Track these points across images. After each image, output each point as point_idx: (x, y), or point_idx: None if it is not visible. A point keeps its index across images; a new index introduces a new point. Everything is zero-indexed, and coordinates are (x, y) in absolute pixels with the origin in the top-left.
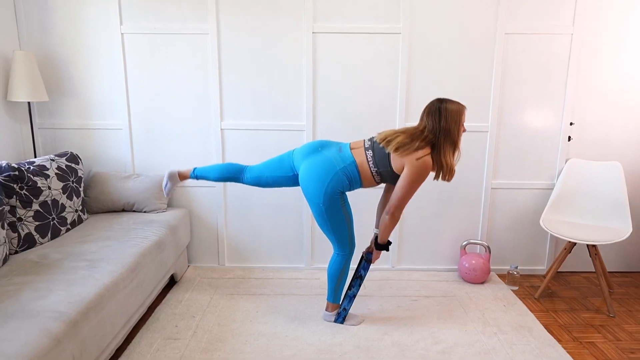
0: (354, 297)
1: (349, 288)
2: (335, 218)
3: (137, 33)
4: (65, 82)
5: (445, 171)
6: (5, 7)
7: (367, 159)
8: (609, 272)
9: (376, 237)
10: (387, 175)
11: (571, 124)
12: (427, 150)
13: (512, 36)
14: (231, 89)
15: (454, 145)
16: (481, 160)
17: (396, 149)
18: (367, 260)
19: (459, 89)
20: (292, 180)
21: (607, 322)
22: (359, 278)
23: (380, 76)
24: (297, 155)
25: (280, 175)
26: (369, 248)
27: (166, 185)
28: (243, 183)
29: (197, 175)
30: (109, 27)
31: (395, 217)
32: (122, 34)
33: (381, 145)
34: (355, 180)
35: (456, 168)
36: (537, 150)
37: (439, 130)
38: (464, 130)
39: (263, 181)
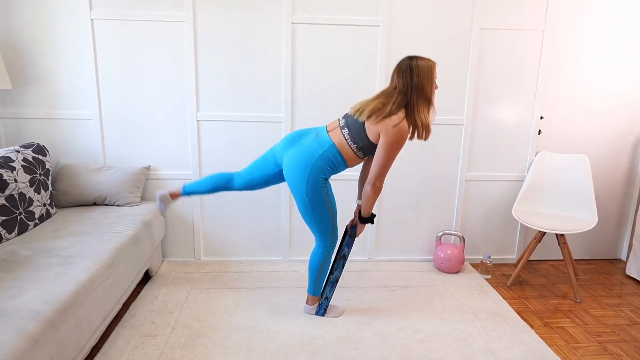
0: (336, 283)
1: (331, 272)
2: (318, 209)
3: (108, 19)
4: (30, 69)
5: (420, 130)
6: None
7: (344, 137)
8: (574, 259)
9: (359, 210)
10: (367, 149)
11: (541, 117)
12: (402, 114)
13: (487, 31)
14: (208, 79)
15: (428, 102)
16: (456, 152)
17: (369, 117)
18: (351, 235)
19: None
20: (279, 176)
21: (575, 307)
22: (342, 258)
23: (359, 68)
24: (278, 150)
25: (268, 174)
26: (352, 221)
27: (160, 206)
28: (234, 190)
29: (187, 192)
30: (78, 12)
31: (377, 187)
32: (91, 19)
33: (355, 116)
34: (338, 162)
35: (433, 159)
36: (510, 143)
37: (411, 88)
38: (437, 87)
39: (254, 183)
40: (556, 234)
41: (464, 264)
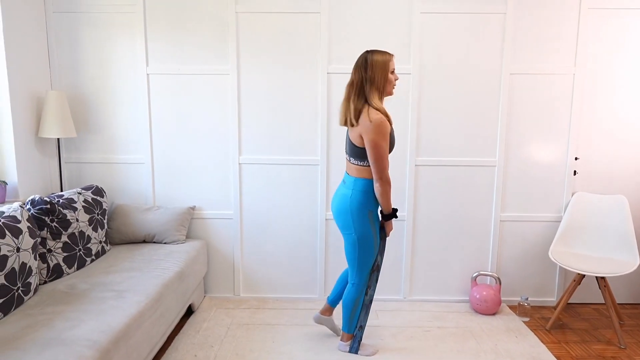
0: (370, 305)
1: (365, 293)
2: (366, 246)
3: (161, 74)
4: (92, 119)
5: (383, 115)
6: (40, 49)
7: (356, 165)
8: (618, 303)
9: (381, 210)
10: (365, 155)
11: (576, 158)
12: (367, 107)
13: (517, 76)
14: (249, 126)
15: (378, 91)
16: (489, 193)
17: (345, 121)
18: (381, 237)
19: (467, 126)
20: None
21: (619, 354)
22: (375, 270)
23: (391, 114)
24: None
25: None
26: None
27: (330, 328)
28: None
29: (332, 300)
30: (136, 68)
31: (383, 179)
32: (147, 74)
33: (340, 125)
34: (371, 185)
35: (466, 200)
36: (544, 184)
37: (366, 80)
38: (397, 78)
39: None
40: (596, 277)
41: (501, 306)
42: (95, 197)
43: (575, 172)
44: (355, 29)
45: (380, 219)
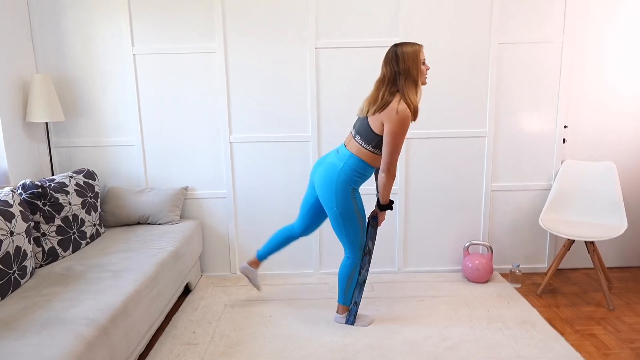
0: (364, 284)
1: (359, 272)
2: (349, 221)
3: (148, 54)
4: (80, 102)
5: (410, 111)
6: (22, 33)
7: (359, 144)
8: (607, 267)
9: (378, 200)
10: (381, 143)
11: (565, 127)
12: (398, 98)
13: (505, 45)
14: (239, 104)
15: (415, 83)
16: (480, 164)
17: (368, 110)
18: (373, 225)
19: (457, 97)
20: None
21: (607, 315)
22: (367, 254)
23: None
24: (311, 178)
25: (314, 202)
26: (373, 212)
27: (249, 280)
28: (298, 235)
29: (262, 256)
30: (121, 49)
31: (391, 172)
32: (133, 55)
33: (360, 116)
34: (363, 168)
35: (457, 171)
36: (534, 152)
37: (399, 73)
38: (428, 68)
39: (308, 218)
40: (585, 242)
41: (493, 274)
42: (87, 180)
43: (564, 140)
44: (344, 3)
45: (374, 207)
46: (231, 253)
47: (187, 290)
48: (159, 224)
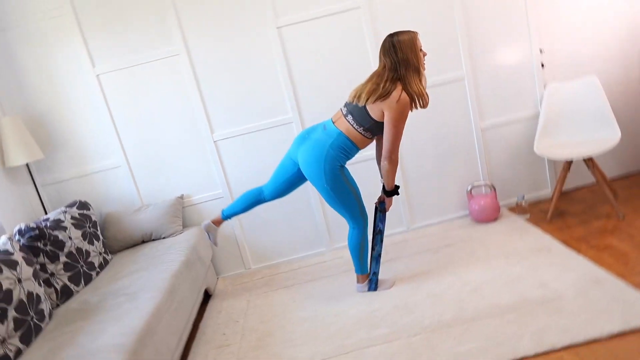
0: (380, 257)
1: (372, 249)
2: (342, 194)
3: (110, 71)
4: (55, 135)
5: (417, 100)
6: None
7: (350, 124)
8: (610, 179)
9: (383, 186)
10: (374, 128)
11: (541, 51)
12: (399, 87)
13: None
14: (213, 101)
15: (417, 71)
16: (465, 107)
17: (367, 99)
18: (381, 210)
19: (428, 45)
20: (301, 175)
21: (619, 225)
22: (378, 234)
23: (352, 53)
24: (292, 151)
25: (290, 176)
26: (379, 198)
27: (209, 237)
28: (267, 201)
29: (227, 215)
30: (83, 72)
31: (393, 160)
32: (96, 75)
33: (354, 103)
34: (349, 147)
35: (445, 119)
36: (516, 83)
37: (398, 63)
38: (425, 54)
39: (281, 189)
40: (584, 159)
41: (500, 211)
42: (81, 211)
43: (542, 64)
44: None
45: (380, 193)
46: (241, 249)
47: (207, 296)
48: (164, 238)
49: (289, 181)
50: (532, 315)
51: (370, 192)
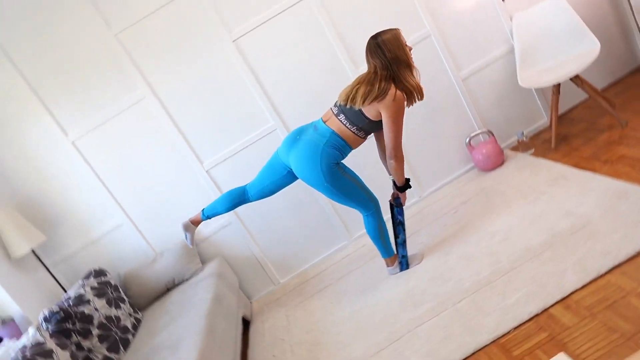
0: (405, 243)
1: (396, 237)
2: (344, 188)
3: (84, 134)
4: (50, 214)
5: (415, 93)
6: None
7: (342, 123)
8: (601, 90)
9: (394, 182)
10: (368, 127)
11: None
12: (393, 86)
13: None
14: (193, 132)
15: (409, 66)
16: (439, 62)
17: (363, 102)
18: (397, 205)
19: (387, 14)
20: (290, 176)
21: (624, 132)
22: (399, 224)
23: (313, 44)
24: (281, 153)
25: (278, 178)
26: (393, 194)
27: (186, 237)
28: (250, 201)
29: (207, 215)
30: (58, 143)
31: (398, 157)
32: (72, 142)
33: (348, 106)
34: (343, 146)
35: (423, 80)
36: (482, 25)
37: (389, 62)
38: (411, 49)
39: (267, 190)
40: (570, 79)
41: (504, 153)
42: (99, 279)
43: None
44: None
45: (393, 190)
46: (265, 267)
47: (246, 323)
48: (187, 280)
49: (277, 183)
50: (567, 247)
51: (370, 177)
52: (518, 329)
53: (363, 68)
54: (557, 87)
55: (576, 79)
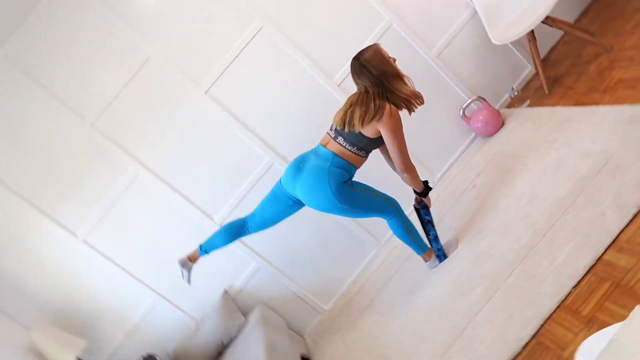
0: (437, 237)
1: (427, 235)
2: (359, 202)
3: (93, 230)
4: (83, 317)
5: (413, 100)
6: None
7: (341, 145)
8: (574, 22)
9: (414, 190)
10: (369, 146)
11: None
12: (386, 103)
13: None
14: (195, 192)
15: (398, 77)
16: (408, 46)
17: (362, 124)
18: (422, 207)
19: (342, 18)
20: (294, 206)
21: (612, 56)
22: (428, 223)
23: (284, 69)
24: (285, 184)
25: (283, 209)
26: (416, 199)
27: (183, 274)
28: (250, 233)
29: (206, 250)
30: (71, 247)
31: (410, 169)
32: (84, 241)
33: (346, 130)
34: (346, 167)
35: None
36: None
37: (378, 78)
38: (395, 60)
39: (269, 221)
40: (542, 22)
41: (502, 113)
42: None
43: None
44: (192, 37)
45: (415, 196)
46: (305, 299)
47: None
48: (235, 338)
49: (281, 214)
50: (598, 188)
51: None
52: (579, 286)
53: (337, 78)
54: (531, 34)
55: (548, 20)
